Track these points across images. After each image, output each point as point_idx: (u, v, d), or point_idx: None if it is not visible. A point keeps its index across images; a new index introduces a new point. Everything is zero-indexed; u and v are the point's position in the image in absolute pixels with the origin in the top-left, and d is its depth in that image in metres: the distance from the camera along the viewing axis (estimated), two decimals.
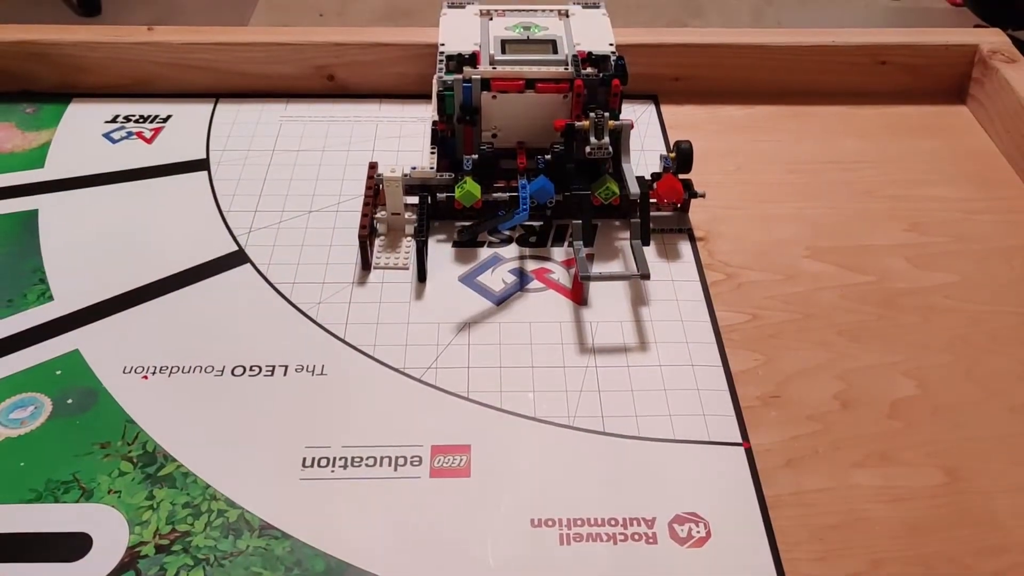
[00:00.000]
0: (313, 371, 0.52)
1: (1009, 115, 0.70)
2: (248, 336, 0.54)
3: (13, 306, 0.55)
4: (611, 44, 0.63)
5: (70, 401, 0.50)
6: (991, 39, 0.75)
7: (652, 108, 0.75)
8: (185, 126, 0.71)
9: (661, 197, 0.61)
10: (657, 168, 0.63)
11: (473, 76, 0.59)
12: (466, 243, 0.60)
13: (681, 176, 0.62)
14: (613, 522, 0.44)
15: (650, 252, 0.60)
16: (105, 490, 0.46)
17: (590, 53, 0.62)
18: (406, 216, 0.60)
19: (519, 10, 0.67)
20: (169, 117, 0.72)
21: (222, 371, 0.52)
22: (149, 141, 0.69)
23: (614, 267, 0.59)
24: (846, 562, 0.44)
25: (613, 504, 0.45)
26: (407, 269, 0.58)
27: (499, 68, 0.60)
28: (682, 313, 0.56)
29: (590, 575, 0.43)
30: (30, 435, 0.48)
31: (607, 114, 0.58)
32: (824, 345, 0.55)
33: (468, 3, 0.68)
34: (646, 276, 0.54)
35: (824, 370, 0.53)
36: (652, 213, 0.59)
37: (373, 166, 0.62)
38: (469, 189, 0.58)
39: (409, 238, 0.60)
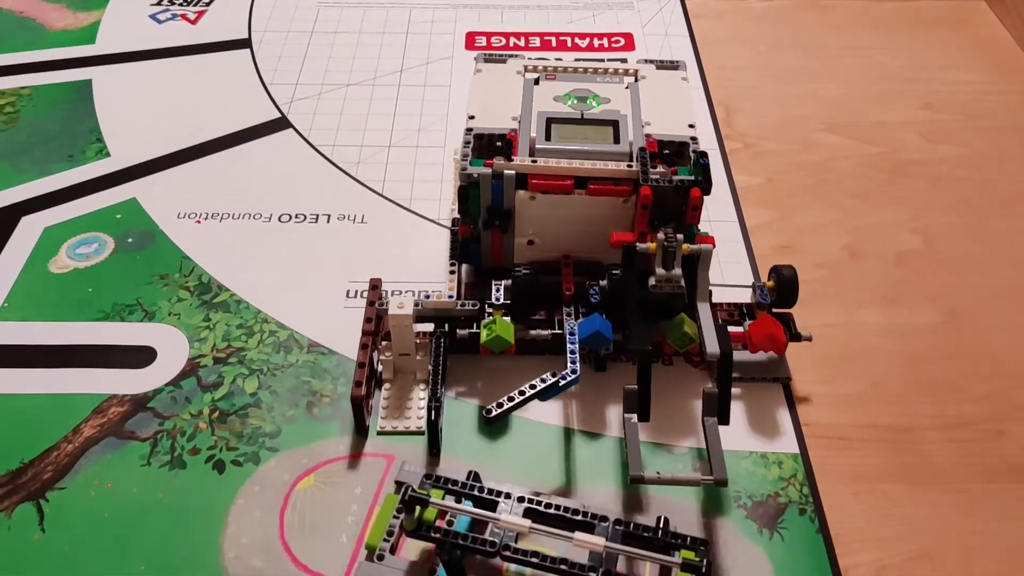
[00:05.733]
0: (354, 220, 0.55)
1: None
2: (293, 189, 0.58)
3: (73, 160, 0.59)
4: (691, 125, 0.47)
5: (130, 240, 0.54)
6: None
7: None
8: (227, 9, 0.74)
9: (754, 346, 0.45)
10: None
11: (506, 172, 0.44)
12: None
13: (777, 310, 0.47)
14: None
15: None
16: (166, 313, 0.50)
17: (661, 142, 0.46)
18: (417, 358, 0.45)
19: (575, 71, 0.51)
20: (212, 1, 0.75)
21: (270, 218, 0.55)
22: (193, 22, 0.72)
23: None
24: (849, 383, 0.47)
25: None
26: (422, 434, 0.43)
27: (541, 160, 0.44)
28: None
29: None
30: (96, 267, 0.52)
31: (680, 236, 0.42)
32: (835, 205, 0.58)
33: (511, 55, 0.53)
34: (722, 483, 0.39)
35: (835, 226, 0.56)
36: (736, 355, 0.42)
37: (375, 286, 0.46)
38: (499, 333, 0.43)
39: (422, 386, 0.45)
